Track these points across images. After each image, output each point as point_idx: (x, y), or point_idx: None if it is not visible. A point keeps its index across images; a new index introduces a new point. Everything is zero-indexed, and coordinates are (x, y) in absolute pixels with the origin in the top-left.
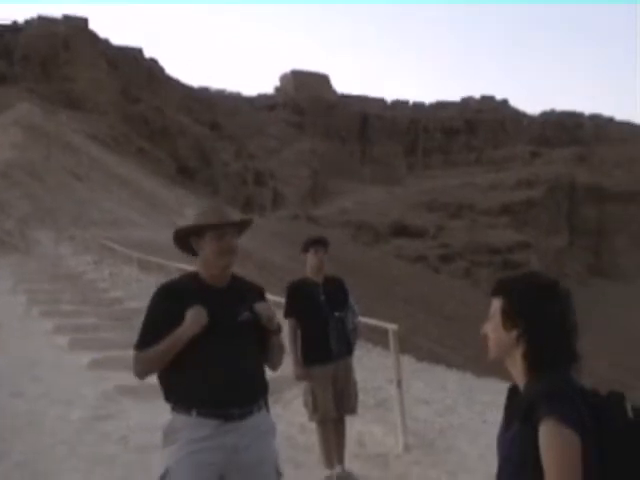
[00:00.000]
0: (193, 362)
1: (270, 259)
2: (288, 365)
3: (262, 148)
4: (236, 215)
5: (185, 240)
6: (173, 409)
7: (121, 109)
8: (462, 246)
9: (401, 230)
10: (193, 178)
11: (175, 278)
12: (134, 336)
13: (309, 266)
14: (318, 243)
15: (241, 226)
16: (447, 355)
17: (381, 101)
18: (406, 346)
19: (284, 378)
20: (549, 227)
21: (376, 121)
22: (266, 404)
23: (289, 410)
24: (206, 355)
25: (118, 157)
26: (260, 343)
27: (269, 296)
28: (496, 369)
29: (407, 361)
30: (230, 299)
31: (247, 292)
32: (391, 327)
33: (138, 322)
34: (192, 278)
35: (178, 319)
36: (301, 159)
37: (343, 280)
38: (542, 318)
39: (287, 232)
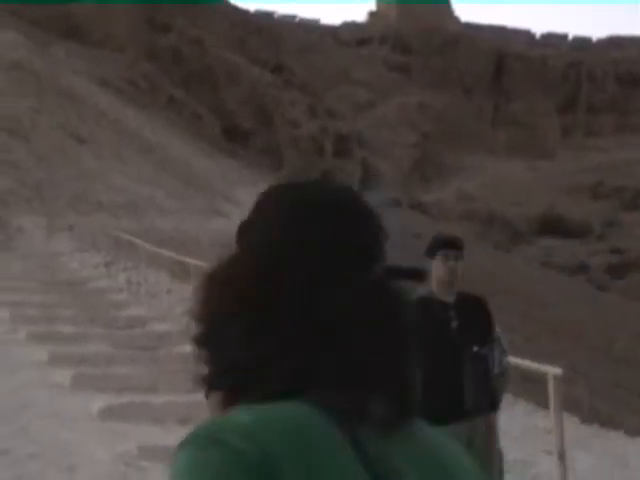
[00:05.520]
0: None
1: None
2: None
3: (348, 102)
4: None
5: None
6: None
7: (144, 42)
8: None
9: (551, 226)
10: (245, 143)
11: None
12: (163, 373)
13: (435, 278)
14: (449, 246)
15: None
16: (619, 415)
17: (526, 34)
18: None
19: None
20: None
21: (517, 63)
22: None
23: None
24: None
25: (138, 111)
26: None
27: None
28: None
29: (566, 422)
30: None
31: None
32: (552, 371)
33: (169, 352)
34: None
35: None
36: (405, 118)
37: (486, 301)
38: None
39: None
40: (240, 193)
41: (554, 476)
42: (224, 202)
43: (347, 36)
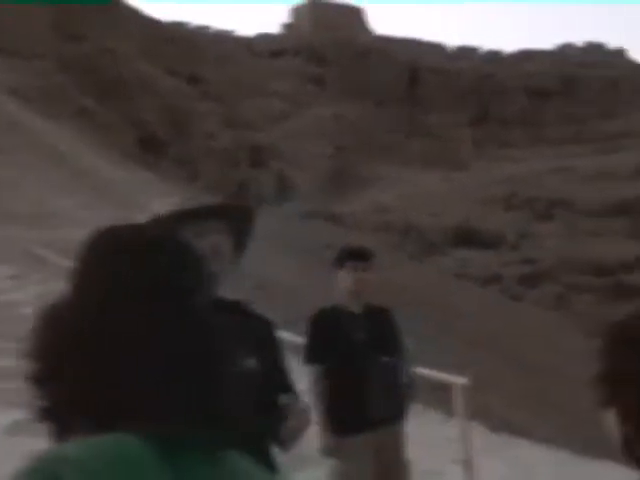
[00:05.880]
0: None
1: (271, 276)
2: (309, 433)
3: (263, 113)
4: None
5: None
6: None
7: (56, 51)
8: (554, 262)
9: (465, 237)
10: (161, 155)
11: None
12: None
13: (343, 289)
14: (357, 257)
15: (233, 219)
16: (530, 423)
17: (438, 47)
18: (472, 409)
19: (292, 454)
20: None
21: (431, 76)
22: None
23: None
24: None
25: (50, 121)
26: (271, 407)
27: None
28: (608, 446)
29: (475, 432)
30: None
31: (249, 326)
32: (458, 381)
33: None
34: None
35: None
36: (320, 130)
37: (391, 312)
38: None
39: (297, 236)
40: (155, 204)
41: None
42: (138, 213)
43: (262, 47)
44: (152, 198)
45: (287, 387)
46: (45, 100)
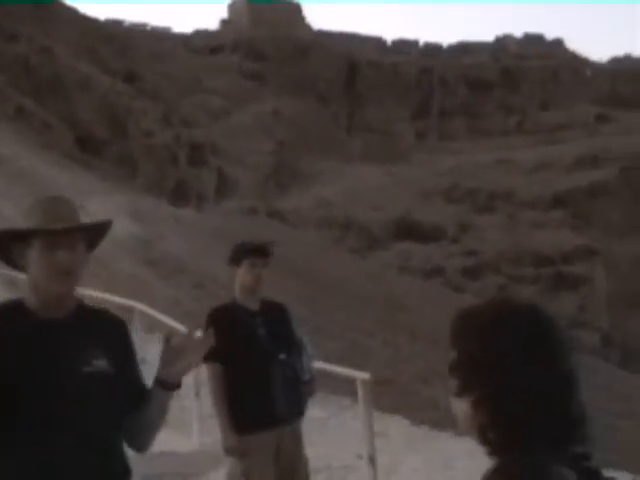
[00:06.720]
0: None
1: (212, 273)
2: (211, 433)
3: (202, 110)
4: (90, 215)
5: (7, 249)
6: None
7: None
8: (496, 253)
9: (407, 230)
10: (99, 154)
11: None
12: None
13: (240, 285)
14: (256, 253)
15: (90, 233)
16: None
17: (378, 41)
18: (415, 402)
19: (207, 453)
20: (623, 225)
21: (370, 70)
22: None
23: None
24: (23, 430)
25: None
26: (122, 408)
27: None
28: None
29: (398, 425)
30: (72, 339)
31: (100, 327)
32: (360, 376)
33: None
34: (14, 307)
35: None
36: (260, 126)
37: (286, 307)
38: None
39: (238, 233)
40: (93, 204)
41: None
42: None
43: (199, 44)
44: (91, 197)
45: (139, 389)
46: None
